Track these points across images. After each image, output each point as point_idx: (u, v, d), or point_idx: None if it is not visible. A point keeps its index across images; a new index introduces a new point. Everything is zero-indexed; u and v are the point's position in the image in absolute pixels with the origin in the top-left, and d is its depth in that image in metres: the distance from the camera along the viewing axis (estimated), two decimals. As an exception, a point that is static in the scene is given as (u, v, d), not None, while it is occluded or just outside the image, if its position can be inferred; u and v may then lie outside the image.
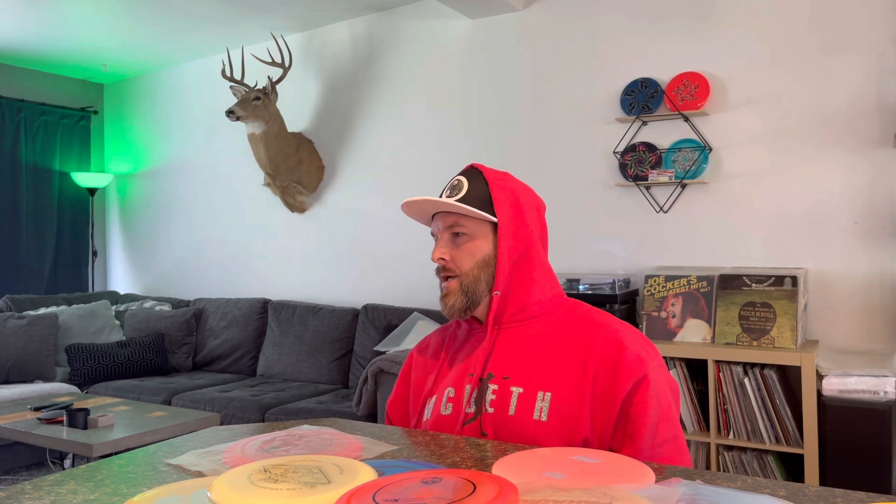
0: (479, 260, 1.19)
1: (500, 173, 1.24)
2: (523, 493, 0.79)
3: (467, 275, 1.19)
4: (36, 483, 0.94)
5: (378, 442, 1.11)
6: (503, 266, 1.18)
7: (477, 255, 1.19)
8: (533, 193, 1.26)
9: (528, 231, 1.20)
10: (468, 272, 1.19)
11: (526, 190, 1.25)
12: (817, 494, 0.84)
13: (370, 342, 3.83)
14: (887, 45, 2.83)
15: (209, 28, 4.37)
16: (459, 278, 1.19)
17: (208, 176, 4.98)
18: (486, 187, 1.20)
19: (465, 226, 1.19)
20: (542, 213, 1.27)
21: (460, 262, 1.20)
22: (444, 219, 1.22)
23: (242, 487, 0.81)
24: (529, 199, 1.23)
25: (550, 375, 1.14)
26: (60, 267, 5.28)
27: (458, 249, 1.20)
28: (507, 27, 3.72)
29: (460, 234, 1.20)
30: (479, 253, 1.19)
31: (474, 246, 1.19)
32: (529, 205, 1.22)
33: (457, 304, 1.20)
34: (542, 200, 1.29)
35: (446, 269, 1.21)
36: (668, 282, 2.96)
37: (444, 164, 3.92)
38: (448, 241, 1.21)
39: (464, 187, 1.20)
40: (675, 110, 3.19)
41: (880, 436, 2.36)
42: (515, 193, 1.21)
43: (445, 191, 1.23)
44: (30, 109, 5.12)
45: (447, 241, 1.21)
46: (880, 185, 2.85)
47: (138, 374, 4.23)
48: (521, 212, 1.20)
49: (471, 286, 1.19)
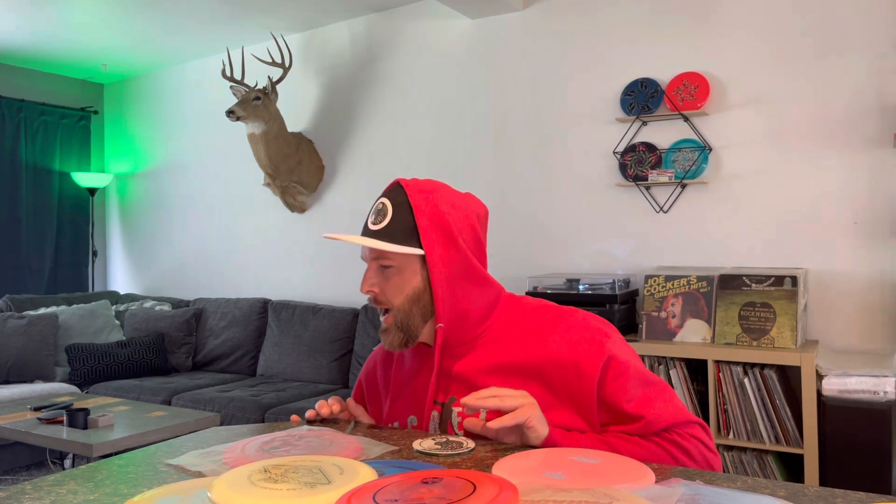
0: (409, 294, 1.13)
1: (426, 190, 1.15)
2: (523, 493, 0.79)
3: (399, 310, 1.14)
4: (36, 483, 0.94)
5: (378, 442, 1.11)
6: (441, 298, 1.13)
7: (406, 289, 1.13)
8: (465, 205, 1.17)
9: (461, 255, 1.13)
10: (400, 308, 1.14)
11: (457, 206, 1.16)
12: (817, 494, 0.84)
13: (370, 342, 3.83)
14: (887, 45, 2.83)
15: (209, 28, 4.37)
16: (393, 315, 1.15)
17: (208, 176, 4.98)
18: (412, 213, 1.12)
19: (391, 258, 1.13)
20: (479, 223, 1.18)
21: (391, 297, 1.14)
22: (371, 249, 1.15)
23: (242, 488, 0.81)
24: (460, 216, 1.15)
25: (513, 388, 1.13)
26: (60, 267, 5.28)
27: (387, 282, 1.14)
28: (507, 27, 3.72)
29: (388, 266, 1.13)
30: (407, 287, 1.13)
31: (402, 280, 1.13)
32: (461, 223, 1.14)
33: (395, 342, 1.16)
34: (479, 207, 1.20)
35: (378, 301, 1.15)
36: (668, 282, 2.96)
37: (443, 164, 3.92)
38: (376, 273, 1.15)
39: (388, 214, 1.13)
40: (675, 110, 3.19)
41: (880, 436, 2.36)
42: (443, 216, 1.12)
43: (370, 216, 1.16)
44: (30, 109, 5.12)
45: (375, 273, 1.15)
46: (880, 185, 2.85)
47: (138, 374, 4.23)
48: (452, 236, 1.12)
49: (405, 322, 1.14)
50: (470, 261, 1.14)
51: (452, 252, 1.13)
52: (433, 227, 1.12)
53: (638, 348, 2.87)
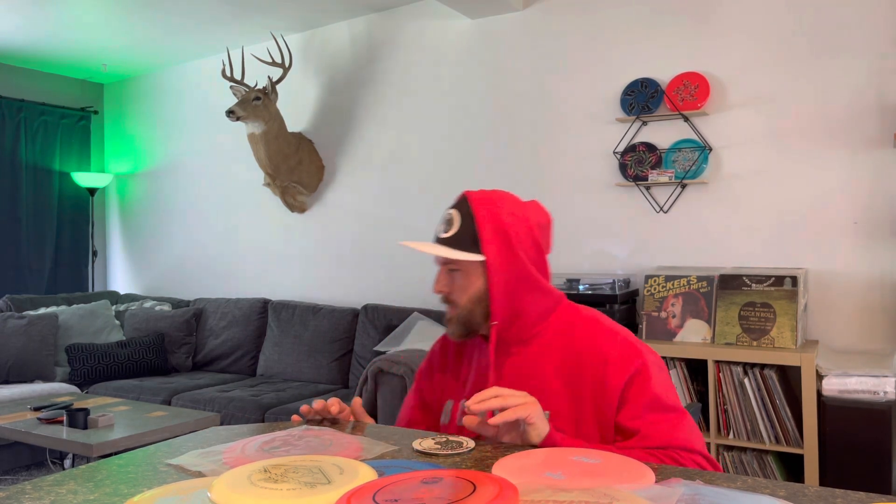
0: (472, 295, 1.26)
1: (489, 202, 1.27)
2: (523, 493, 0.79)
3: (463, 308, 1.26)
4: (36, 483, 0.94)
5: (378, 442, 1.11)
6: (497, 300, 1.24)
7: (470, 290, 1.26)
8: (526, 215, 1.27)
9: (518, 262, 1.23)
10: (464, 307, 1.26)
11: (518, 215, 1.26)
12: (817, 494, 0.84)
13: (370, 342, 3.83)
14: (887, 45, 2.83)
15: (209, 28, 4.37)
16: (457, 310, 1.27)
17: (208, 176, 4.98)
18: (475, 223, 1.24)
19: (457, 263, 1.26)
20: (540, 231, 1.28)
21: (457, 297, 1.27)
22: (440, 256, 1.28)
23: (242, 487, 0.81)
24: (521, 225, 1.25)
25: (548, 394, 1.21)
26: (60, 267, 5.28)
27: (454, 284, 1.28)
28: (507, 27, 3.72)
29: (455, 269, 1.27)
30: (471, 288, 1.25)
31: (468, 282, 1.26)
32: (521, 232, 1.24)
33: (456, 332, 1.29)
34: (540, 217, 1.29)
35: (447, 300, 1.29)
36: (668, 282, 2.96)
37: (443, 164, 3.92)
38: (446, 275, 1.29)
39: (454, 224, 1.26)
40: (675, 110, 3.19)
41: (880, 436, 2.36)
42: (504, 226, 1.24)
43: (441, 226, 1.29)
44: (30, 109, 5.12)
45: (445, 275, 1.29)
46: (880, 185, 2.85)
47: (138, 374, 4.23)
48: (511, 245, 1.23)
49: (466, 318, 1.27)
50: (527, 268, 1.24)
51: (511, 259, 1.23)
52: (494, 235, 1.23)
53: (638, 348, 2.86)
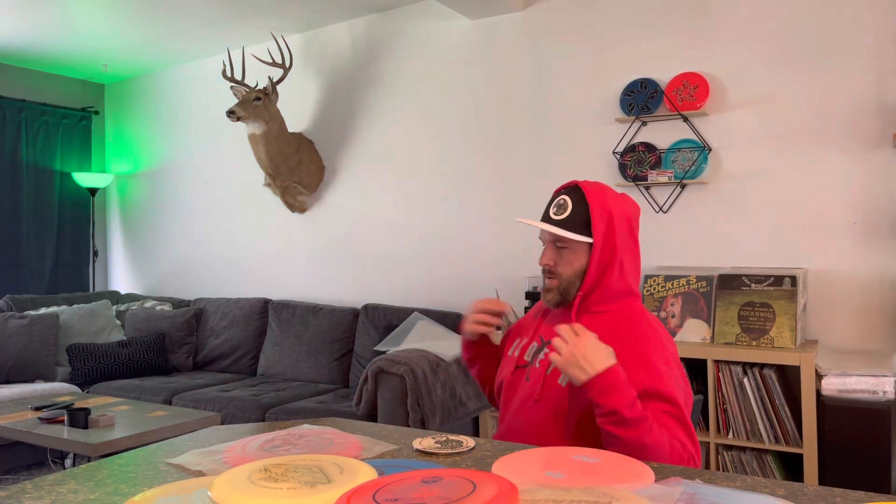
0: (577, 269, 1.46)
1: (598, 191, 1.46)
2: (523, 493, 0.80)
3: (566, 280, 1.47)
4: (37, 482, 0.94)
5: (378, 441, 1.11)
6: (591, 276, 1.45)
7: (575, 265, 1.46)
8: (625, 206, 1.47)
9: (615, 248, 1.44)
10: (567, 279, 1.47)
11: (620, 205, 1.47)
12: (816, 494, 0.84)
13: (370, 342, 3.83)
14: (887, 45, 2.84)
15: (210, 28, 4.37)
16: (559, 281, 1.48)
17: (209, 176, 4.98)
18: (587, 208, 1.44)
19: (566, 242, 1.46)
20: (633, 222, 1.48)
21: (562, 269, 1.47)
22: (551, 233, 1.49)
23: (243, 487, 0.82)
24: (622, 214, 1.46)
25: None
26: (61, 267, 5.28)
27: (560, 258, 1.48)
28: (507, 27, 3.72)
29: (563, 247, 1.47)
30: (577, 264, 1.46)
31: (574, 258, 1.46)
32: (621, 220, 1.45)
33: (553, 300, 1.49)
34: (634, 208, 1.50)
35: (551, 272, 1.49)
36: (668, 282, 2.96)
37: (443, 164, 3.92)
38: (553, 250, 1.49)
39: (568, 207, 1.46)
40: (674, 111, 3.19)
41: (879, 435, 2.36)
42: (611, 213, 1.44)
43: (553, 208, 1.49)
44: (31, 109, 5.12)
45: (552, 250, 1.49)
46: (880, 185, 2.85)
47: (139, 374, 4.23)
48: (613, 231, 1.44)
49: (566, 289, 1.48)
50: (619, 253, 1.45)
51: (612, 245, 1.44)
52: (602, 222, 1.44)
53: (638, 348, 2.87)
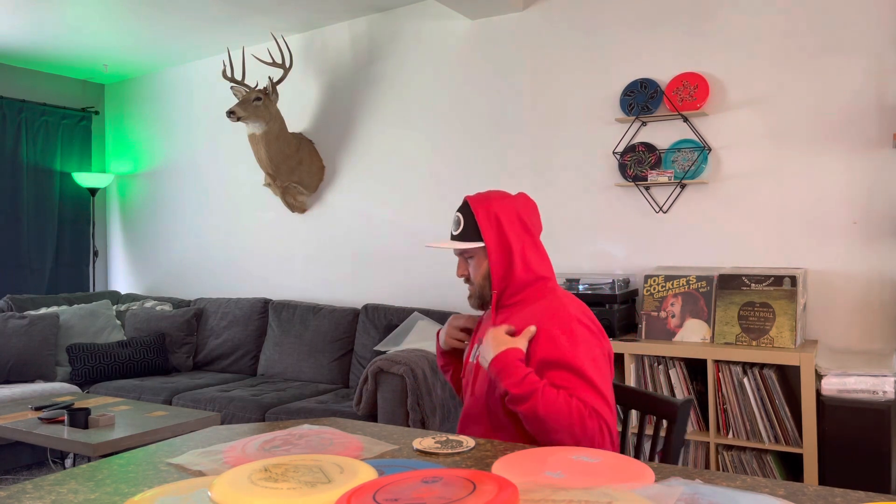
0: (484, 273, 1.63)
1: (482, 199, 1.61)
2: (523, 493, 0.80)
3: (478, 285, 1.65)
4: (37, 482, 0.94)
5: (378, 441, 1.11)
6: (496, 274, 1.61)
7: (482, 269, 1.63)
8: (513, 204, 1.60)
9: (510, 244, 1.58)
10: (479, 283, 1.64)
11: (506, 205, 1.60)
12: (816, 494, 0.85)
13: (370, 342, 3.83)
14: (887, 45, 2.84)
15: (210, 28, 4.37)
16: (474, 287, 1.66)
17: (209, 176, 4.98)
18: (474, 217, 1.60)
19: (467, 251, 1.64)
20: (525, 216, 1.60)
21: (473, 277, 1.66)
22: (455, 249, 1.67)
23: (243, 487, 0.82)
24: (509, 212, 1.59)
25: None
26: (61, 267, 5.28)
27: (470, 268, 1.66)
28: (507, 28, 3.72)
29: (469, 257, 1.65)
30: (482, 268, 1.63)
31: (479, 263, 1.63)
32: (510, 218, 1.59)
33: (475, 304, 1.69)
34: (526, 204, 1.62)
35: (467, 280, 1.68)
36: (668, 282, 2.96)
37: (443, 164, 3.92)
38: (463, 262, 1.68)
39: (461, 222, 1.63)
40: (674, 111, 3.19)
41: (879, 435, 2.36)
42: (496, 215, 1.59)
43: (452, 226, 1.68)
44: (31, 110, 5.12)
45: (462, 262, 1.68)
46: (880, 185, 2.85)
47: (139, 374, 4.24)
48: (504, 230, 1.58)
49: (481, 292, 1.65)
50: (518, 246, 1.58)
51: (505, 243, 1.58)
52: (490, 226, 1.59)
53: (637, 348, 2.87)
